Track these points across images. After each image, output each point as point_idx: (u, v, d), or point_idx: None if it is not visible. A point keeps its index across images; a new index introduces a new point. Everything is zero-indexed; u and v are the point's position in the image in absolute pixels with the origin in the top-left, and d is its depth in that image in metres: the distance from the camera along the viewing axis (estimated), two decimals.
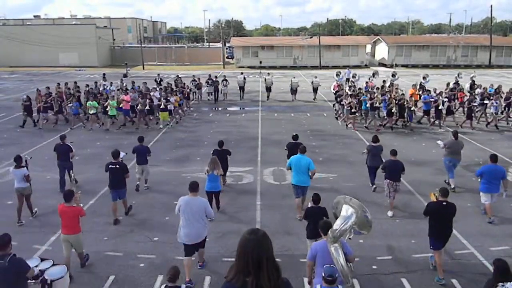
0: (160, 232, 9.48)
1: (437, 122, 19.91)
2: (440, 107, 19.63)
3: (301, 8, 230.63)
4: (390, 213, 10.41)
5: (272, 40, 62.14)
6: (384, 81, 25.44)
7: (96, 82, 25.64)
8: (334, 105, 23.60)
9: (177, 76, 28.37)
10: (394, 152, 10.66)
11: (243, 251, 2.87)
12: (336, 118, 21.65)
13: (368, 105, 19.56)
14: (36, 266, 6.39)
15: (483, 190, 10.08)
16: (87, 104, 19.84)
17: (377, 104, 19.53)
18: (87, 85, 23.71)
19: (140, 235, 9.34)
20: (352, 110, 19.22)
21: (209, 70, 49.57)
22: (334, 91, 23.32)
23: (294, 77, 28.86)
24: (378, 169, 11.39)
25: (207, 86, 27.11)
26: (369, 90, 22.25)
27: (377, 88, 22.10)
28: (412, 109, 19.62)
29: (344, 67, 43.49)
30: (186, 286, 7.05)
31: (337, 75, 27.25)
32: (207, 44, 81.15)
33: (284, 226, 9.65)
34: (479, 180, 10.26)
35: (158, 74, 30.01)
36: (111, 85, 25.19)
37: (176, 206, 7.57)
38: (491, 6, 58.30)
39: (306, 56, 54.48)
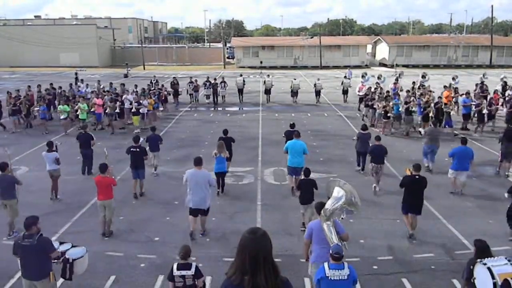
0: (160, 232, 9.49)
1: (479, 128, 18.46)
2: (483, 111, 18.29)
3: (302, 8, 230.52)
4: (377, 188, 11.77)
5: (273, 40, 62.24)
6: (413, 83, 24.24)
7: (70, 84, 24.65)
8: (359, 108, 23.05)
9: (174, 77, 27.49)
10: (378, 138, 12.12)
11: (241, 249, 2.89)
12: (372, 125, 19.49)
13: (401, 109, 18.30)
14: (57, 249, 6.66)
15: (453, 168, 11.49)
16: (58, 109, 18.92)
17: (413, 108, 18.14)
18: (60, 87, 23.12)
19: (141, 235, 9.35)
20: (388, 115, 17.94)
21: (209, 70, 49.58)
22: (363, 94, 21.98)
23: (295, 79, 27.58)
24: (367, 154, 12.66)
25: (205, 89, 25.99)
26: (397, 91, 21.18)
27: (407, 91, 20.77)
28: (452, 113, 18.35)
29: (345, 67, 43.55)
30: (190, 235, 8.95)
31: (363, 76, 25.47)
32: (208, 44, 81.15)
33: (284, 227, 9.65)
34: (451, 160, 11.62)
35: (154, 76, 28.73)
36: (87, 87, 24.23)
37: (184, 177, 9.05)
38: (492, 6, 58.37)
39: (306, 56, 54.48)
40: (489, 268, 5.49)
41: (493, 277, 5.39)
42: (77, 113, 18.60)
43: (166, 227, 9.77)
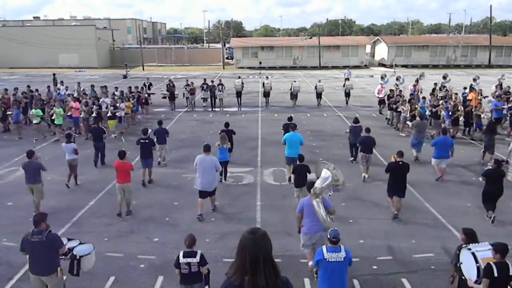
0: (160, 233, 9.48)
1: None
2: None
3: (301, 8, 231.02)
4: (366, 175, 12.71)
5: (272, 41, 62.12)
6: (435, 84, 23.42)
7: (48, 87, 23.92)
8: (380, 111, 22.56)
9: (170, 80, 26.52)
10: (367, 130, 12.97)
11: (241, 250, 2.89)
12: (395, 128, 19.22)
13: (428, 112, 17.64)
14: (65, 245, 6.75)
15: (435, 157, 12.59)
16: (31, 113, 18.07)
17: (442, 112, 17.36)
18: (37, 90, 22.50)
19: (141, 236, 9.34)
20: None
21: (209, 71, 49.62)
22: (382, 96, 21.45)
23: (295, 81, 26.20)
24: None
25: (202, 91, 24.60)
26: (418, 93, 20.49)
27: (431, 94, 19.98)
28: (482, 116, 17.53)
29: (344, 67, 43.53)
30: (197, 217, 10.02)
31: (382, 78, 23.85)
32: (207, 44, 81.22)
33: (284, 227, 9.64)
34: (433, 149, 12.70)
35: (148, 78, 27.72)
36: (66, 90, 23.35)
37: (194, 162, 10.21)
38: (491, 6, 58.72)
39: (305, 57, 54.50)
40: (473, 253, 5.86)
41: (476, 261, 5.77)
42: (53, 117, 17.65)
43: (166, 227, 9.77)
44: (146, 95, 23.03)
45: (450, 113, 17.46)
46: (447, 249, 8.65)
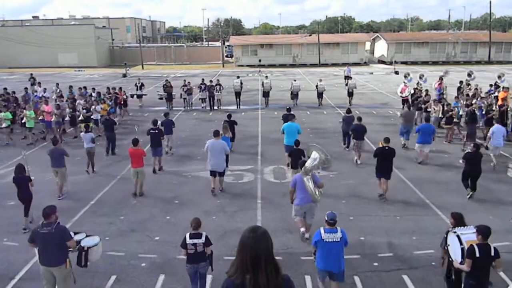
0: (161, 231, 9.50)
1: None
2: None
3: (300, 6, 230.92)
4: (358, 161, 13.86)
5: (271, 39, 62.03)
6: (461, 82, 22.34)
7: (26, 88, 23.29)
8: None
9: (166, 80, 25.82)
10: (359, 119, 14.11)
11: (242, 249, 2.89)
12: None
13: (461, 112, 16.87)
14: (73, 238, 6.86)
15: (419, 142, 13.70)
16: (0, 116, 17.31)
17: (477, 112, 16.43)
18: (13, 92, 21.72)
19: (141, 235, 9.36)
20: (454, 120, 16.22)
21: (208, 69, 49.59)
22: (406, 95, 20.89)
23: (295, 80, 25.51)
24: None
25: (200, 92, 23.98)
26: (443, 92, 20.10)
27: (461, 93, 19.20)
28: None
29: (344, 64, 43.54)
30: (212, 190, 11.47)
31: (405, 76, 22.83)
32: (206, 43, 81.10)
33: (284, 224, 9.65)
34: (417, 135, 13.84)
35: (139, 79, 26.93)
36: (44, 92, 22.49)
37: (205, 146, 11.46)
38: (490, 2, 58.11)
39: (305, 54, 54.46)
40: (458, 236, 6.28)
41: (461, 243, 6.17)
42: (23, 120, 17.02)
43: (167, 226, 9.78)
44: (124, 96, 22.13)
45: (484, 111, 16.55)
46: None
